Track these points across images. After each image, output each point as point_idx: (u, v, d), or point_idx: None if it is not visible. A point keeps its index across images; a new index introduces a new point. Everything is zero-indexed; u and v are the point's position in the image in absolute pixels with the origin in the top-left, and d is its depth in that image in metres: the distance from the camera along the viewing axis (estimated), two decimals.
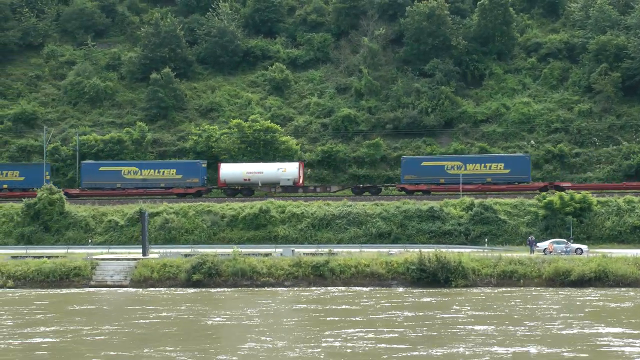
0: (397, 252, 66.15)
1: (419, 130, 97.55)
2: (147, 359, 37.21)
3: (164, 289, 61.23)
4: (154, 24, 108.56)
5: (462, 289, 59.14)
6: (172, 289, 61.17)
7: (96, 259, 64.88)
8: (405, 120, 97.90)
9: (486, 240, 74.33)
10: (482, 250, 69.57)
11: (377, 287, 60.45)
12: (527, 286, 59.70)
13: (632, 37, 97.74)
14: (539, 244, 67.55)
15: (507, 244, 73.99)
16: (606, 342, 39.81)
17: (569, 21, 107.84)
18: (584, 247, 67.23)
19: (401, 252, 65.94)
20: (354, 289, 60.08)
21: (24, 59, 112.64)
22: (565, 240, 68.60)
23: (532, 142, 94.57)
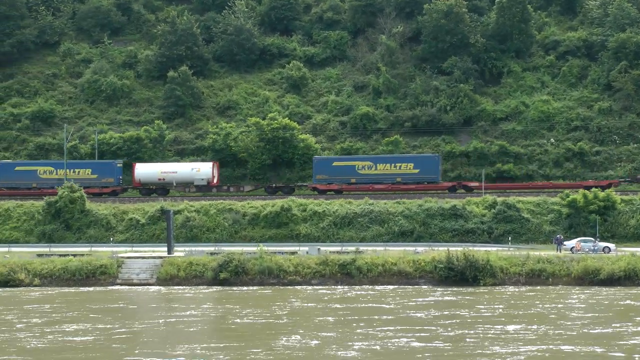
0: (423, 251, 65.91)
1: (438, 128, 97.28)
2: (182, 356, 36.92)
3: (190, 288, 61.05)
4: (170, 22, 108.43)
5: (491, 287, 58.87)
6: (198, 288, 60.98)
7: (122, 257, 64.71)
8: (424, 118, 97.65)
9: (509, 238, 74.09)
10: (508, 248, 69.33)
11: (404, 286, 60.16)
12: (555, 285, 59.34)
13: None
14: (566, 243, 67.29)
15: (530, 242, 73.72)
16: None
17: (586, 19, 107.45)
18: (612, 245, 66.97)
19: (426, 251, 65.72)
20: (381, 287, 59.80)
21: (40, 57, 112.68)
22: (592, 238, 68.28)
23: (552, 140, 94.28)
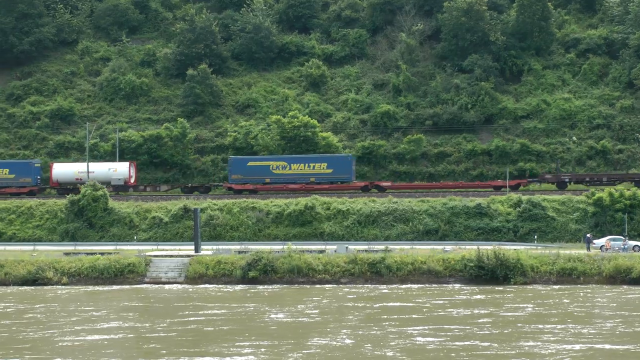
0: (451, 250, 65.64)
1: (459, 126, 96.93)
2: (218, 355, 36.68)
3: (218, 286, 60.86)
4: (189, 20, 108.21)
5: (521, 286, 58.62)
6: (227, 286, 60.79)
7: (149, 256, 64.57)
8: (445, 116, 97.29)
9: (535, 237, 73.76)
10: (535, 247, 69.01)
11: (434, 285, 59.94)
12: (586, 284, 59.08)
13: None
14: (595, 241, 66.92)
15: (556, 241, 73.37)
16: None
17: (606, 17, 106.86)
18: None
19: (455, 250, 65.44)
20: (411, 286, 59.58)
21: (58, 55, 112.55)
22: (622, 237, 67.92)
23: (574, 138, 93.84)
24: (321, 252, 65.27)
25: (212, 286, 60.87)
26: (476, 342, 38.98)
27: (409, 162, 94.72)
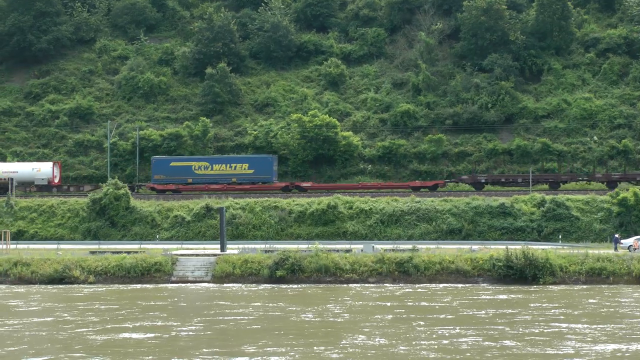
0: (478, 249, 65.38)
1: (479, 126, 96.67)
2: (255, 355, 36.45)
3: (246, 285, 60.66)
4: (207, 19, 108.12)
5: (550, 286, 58.35)
6: (254, 285, 60.59)
7: (175, 255, 64.41)
8: (465, 115, 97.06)
9: (560, 237, 73.47)
10: (561, 247, 68.72)
11: (462, 284, 59.69)
12: (616, 283, 58.76)
13: None
14: (623, 241, 66.63)
15: (580, 240, 73.07)
16: None
17: (626, 16, 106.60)
18: None
19: (481, 249, 65.17)
20: (439, 285, 59.34)
21: (76, 53, 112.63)
22: None
23: (595, 137, 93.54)
24: (347, 251, 65.03)
25: (239, 285, 60.67)
26: (510, 342, 38.64)
27: (430, 162, 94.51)
